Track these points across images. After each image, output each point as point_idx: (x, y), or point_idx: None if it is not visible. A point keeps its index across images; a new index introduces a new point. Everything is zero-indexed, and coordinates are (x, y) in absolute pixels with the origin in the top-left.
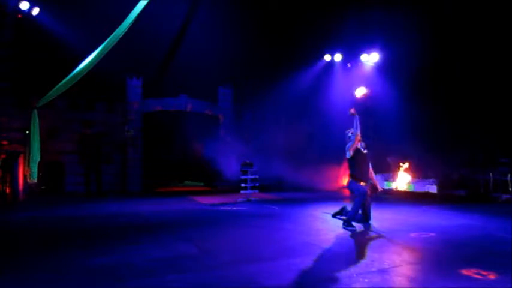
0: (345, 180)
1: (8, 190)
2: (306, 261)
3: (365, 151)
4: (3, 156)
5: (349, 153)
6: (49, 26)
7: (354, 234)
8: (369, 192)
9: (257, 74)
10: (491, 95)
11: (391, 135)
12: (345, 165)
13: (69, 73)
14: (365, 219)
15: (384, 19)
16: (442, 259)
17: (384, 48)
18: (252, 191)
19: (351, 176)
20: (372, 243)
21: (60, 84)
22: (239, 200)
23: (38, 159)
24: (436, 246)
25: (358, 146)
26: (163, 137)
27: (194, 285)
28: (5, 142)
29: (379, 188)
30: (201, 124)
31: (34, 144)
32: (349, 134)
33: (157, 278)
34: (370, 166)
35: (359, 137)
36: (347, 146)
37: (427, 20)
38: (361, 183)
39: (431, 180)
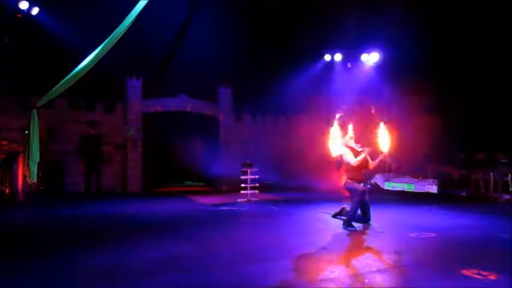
0: (343, 180)
1: (7, 190)
2: (306, 261)
3: (360, 149)
4: (2, 156)
5: (353, 160)
6: (49, 26)
7: (354, 234)
8: (367, 191)
9: (257, 73)
10: (492, 94)
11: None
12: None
13: (69, 73)
14: (365, 219)
15: (384, 19)
16: (442, 259)
17: (384, 48)
18: (252, 191)
19: (349, 176)
20: (371, 244)
21: (60, 84)
22: (239, 200)
23: (38, 159)
24: (436, 246)
25: (354, 146)
26: (163, 137)
27: (194, 286)
28: (4, 142)
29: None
30: (201, 124)
31: (34, 144)
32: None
33: (157, 278)
34: (370, 160)
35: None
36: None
37: (427, 19)
38: (358, 183)
39: (431, 180)
